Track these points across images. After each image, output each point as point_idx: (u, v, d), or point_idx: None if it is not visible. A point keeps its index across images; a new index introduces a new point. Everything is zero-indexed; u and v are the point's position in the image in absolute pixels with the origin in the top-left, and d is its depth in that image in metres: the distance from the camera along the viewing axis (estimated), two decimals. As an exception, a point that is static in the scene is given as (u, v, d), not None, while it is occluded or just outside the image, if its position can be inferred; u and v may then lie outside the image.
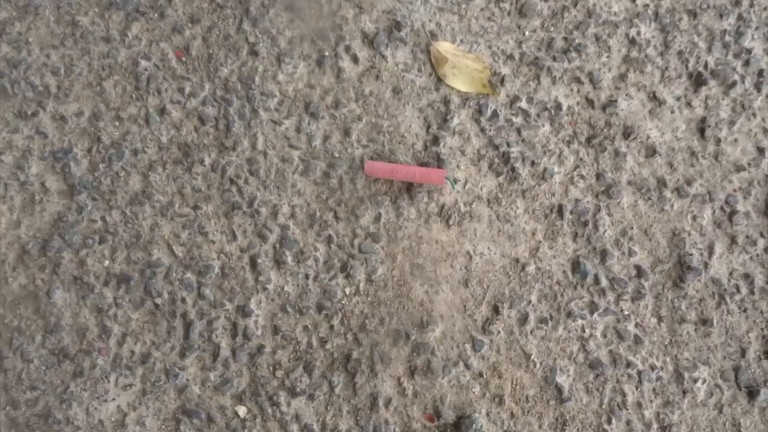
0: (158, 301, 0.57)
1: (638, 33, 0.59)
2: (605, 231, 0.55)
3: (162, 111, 0.60)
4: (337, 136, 0.59)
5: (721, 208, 0.55)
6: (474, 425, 0.52)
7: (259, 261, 0.57)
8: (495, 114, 0.58)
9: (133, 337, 0.56)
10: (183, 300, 0.57)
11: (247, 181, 0.58)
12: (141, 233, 0.58)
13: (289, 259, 0.57)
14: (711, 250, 0.54)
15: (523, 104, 0.58)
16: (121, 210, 0.58)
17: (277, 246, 0.57)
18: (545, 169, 0.57)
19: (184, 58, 0.61)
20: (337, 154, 0.58)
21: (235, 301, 0.56)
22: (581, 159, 0.57)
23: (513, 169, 0.57)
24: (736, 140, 0.56)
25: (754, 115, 0.56)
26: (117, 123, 0.60)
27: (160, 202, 0.59)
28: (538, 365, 0.53)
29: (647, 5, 0.59)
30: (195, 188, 0.59)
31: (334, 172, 0.58)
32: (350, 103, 0.59)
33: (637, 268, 0.54)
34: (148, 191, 0.59)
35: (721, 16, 0.58)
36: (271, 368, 0.55)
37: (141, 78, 0.61)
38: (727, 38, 0.58)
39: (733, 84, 0.57)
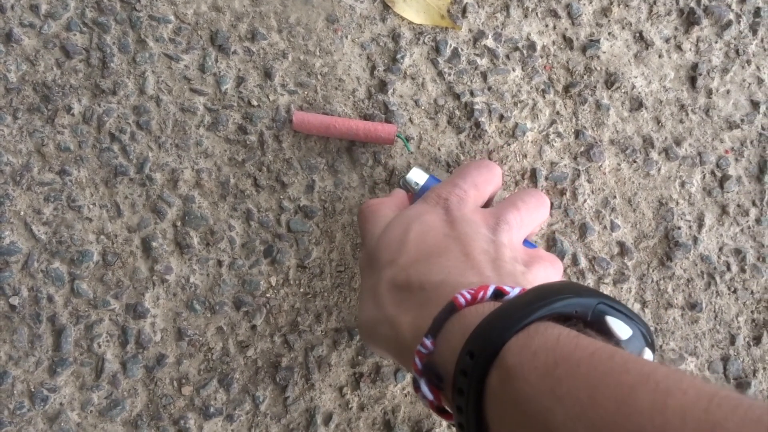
0: (14, 300, 0.42)
1: (624, -43, 0.49)
2: (585, 201, 0.46)
3: (8, 38, 0.44)
4: (254, 78, 0.45)
5: (712, 173, 0.48)
6: (432, 439, 0.44)
7: (154, 244, 0.44)
8: (456, 54, 0.47)
9: (-18, 348, 0.42)
10: (50, 299, 0.43)
11: (134, 136, 0.44)
12: (-15, 208, 0.43)
13: (196, 241, 0.44)
14: (700, 223, 0.47)
15: (490, 42, 0.47)
16: (-46, 176, 0.43)
17: (179, 224, 0.44)
18: (516, 124, 0.47)
19: (36, -36, 0.45)
20: (255, 102, 0.45)
21: (123, 298, 0.43)
22: (558, 112, 0.47)
23: (477, 125, 0.46)
24: (728, 92, 0.48)
25: (748, 62, 0.49)
26: (-59, 53, 0.44)
27: (11, 166, 0.43)
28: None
29: None
30: (61, 146, 0.44)
31: (253, 126, 0.45)
32: (271, 34, 0.46)
33: (620, 245, 0.46)
34: (-8, 150, 0.43)
35: (716, -60, 0.49)
36: (175, 384, 0.43)
37: (-26, -11, 0.44)
38: (728, -32, 0.50)
39: (728, 24, 0.49)
